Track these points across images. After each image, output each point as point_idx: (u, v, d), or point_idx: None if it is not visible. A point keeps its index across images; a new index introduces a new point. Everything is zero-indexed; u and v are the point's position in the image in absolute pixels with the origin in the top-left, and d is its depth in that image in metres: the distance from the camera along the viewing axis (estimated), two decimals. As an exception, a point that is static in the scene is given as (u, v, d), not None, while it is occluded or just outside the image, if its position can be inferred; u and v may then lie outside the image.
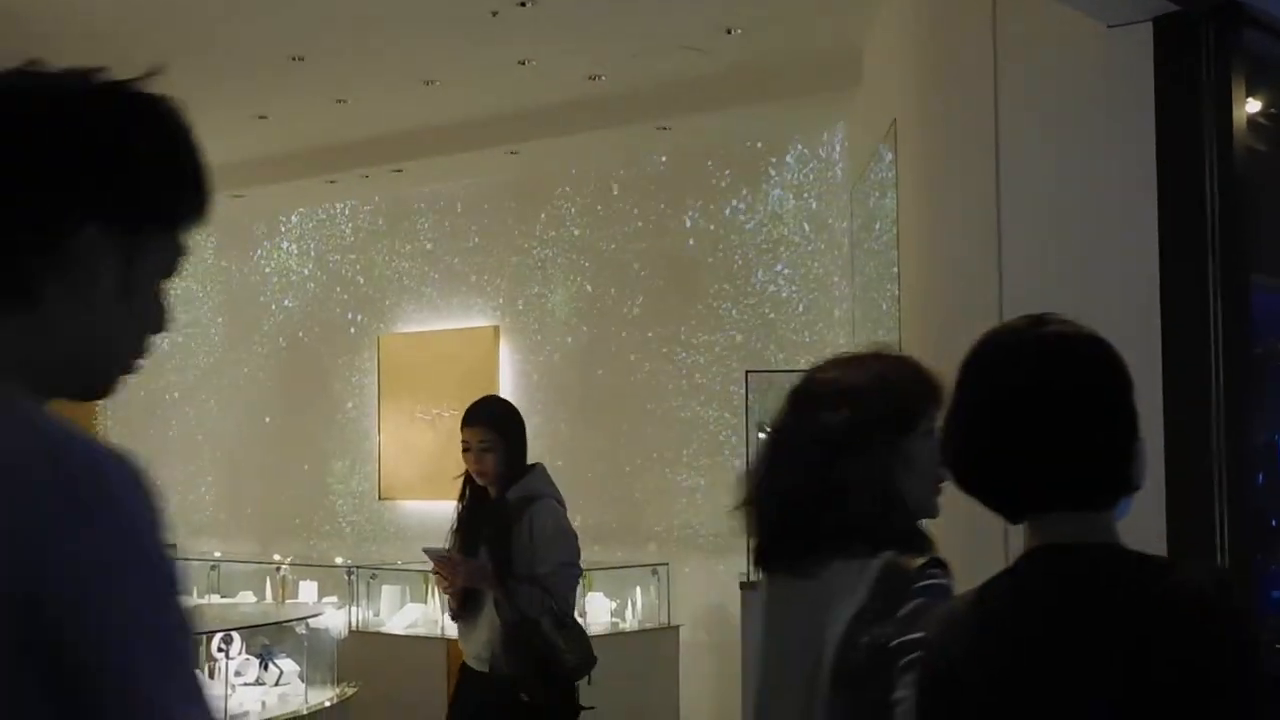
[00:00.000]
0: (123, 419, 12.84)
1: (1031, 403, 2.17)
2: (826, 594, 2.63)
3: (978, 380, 2.26)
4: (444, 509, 11.67)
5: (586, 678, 5.93)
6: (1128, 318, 4.80)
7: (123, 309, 1.55)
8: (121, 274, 1.53)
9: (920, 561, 2.60)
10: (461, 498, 5.89)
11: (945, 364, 6.30)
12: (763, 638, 2.88)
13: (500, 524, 5.73)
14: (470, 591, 5.78)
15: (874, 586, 2.57)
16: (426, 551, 5.91)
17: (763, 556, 2.86)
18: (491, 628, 5.70)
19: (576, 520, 6.04)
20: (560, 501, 5.84)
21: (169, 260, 1.59)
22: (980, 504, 2.23)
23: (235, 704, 7.47)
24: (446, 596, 5.96)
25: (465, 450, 5.74)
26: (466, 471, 5.85)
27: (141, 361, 1.63)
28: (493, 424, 5.76)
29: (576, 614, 6.08)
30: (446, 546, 5.89)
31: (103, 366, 1.59)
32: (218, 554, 12.40)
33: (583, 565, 5.98)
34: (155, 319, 1.61)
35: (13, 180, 1.46)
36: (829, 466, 2.67)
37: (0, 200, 1.46)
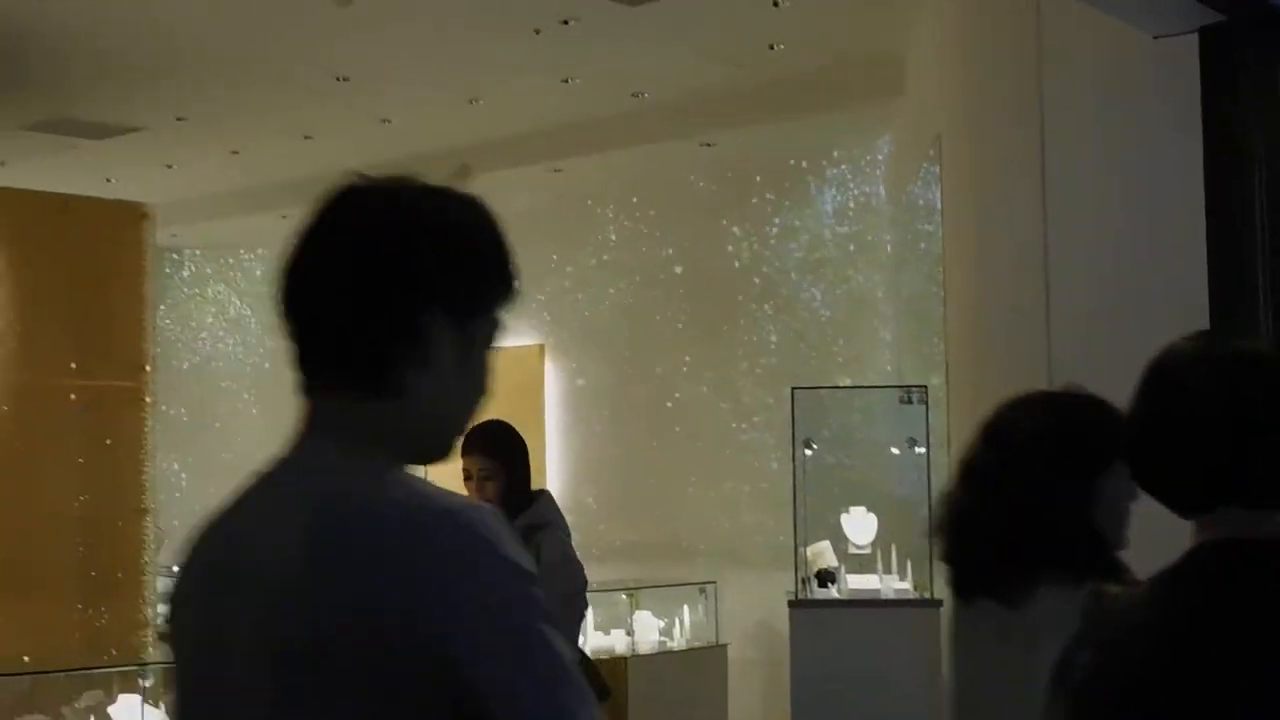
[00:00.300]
0: (173, 443, 12.91)
1: (1210, 413, 2.19)
2: (1034, 622, 2.74)
3: (1158, 390, 2.31)
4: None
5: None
6: (1176, 327, 4.77)
7: (460, 380, 1.77)
8: (459, 351, 1.75)
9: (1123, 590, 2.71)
10: None
11: (993, 377, 6.27)
12: (960, 662, 2.98)
13: None
14: None
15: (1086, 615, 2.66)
16: None
17: (961, 584, 2.94)
18: None
19: (620, 539, 5.98)
20: (566, 530, 5.61)
21: (491, 334, 1.81)
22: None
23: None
24: None
25: (466, 479, 5.49)
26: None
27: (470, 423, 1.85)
28: (494, 451, 5.47)
29: (624, 632, 5.99)
30: None
31: (449, 431, 1.81)
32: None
33: (621, 586, 5.80)
34: (483, 384, 1.81)
35: (382, 283, 1.70)
36: (1038, 500, 2.80)
37: (370, 299, 1.70)
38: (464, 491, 5.52)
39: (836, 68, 8.79)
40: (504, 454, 5.47)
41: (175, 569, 1.92)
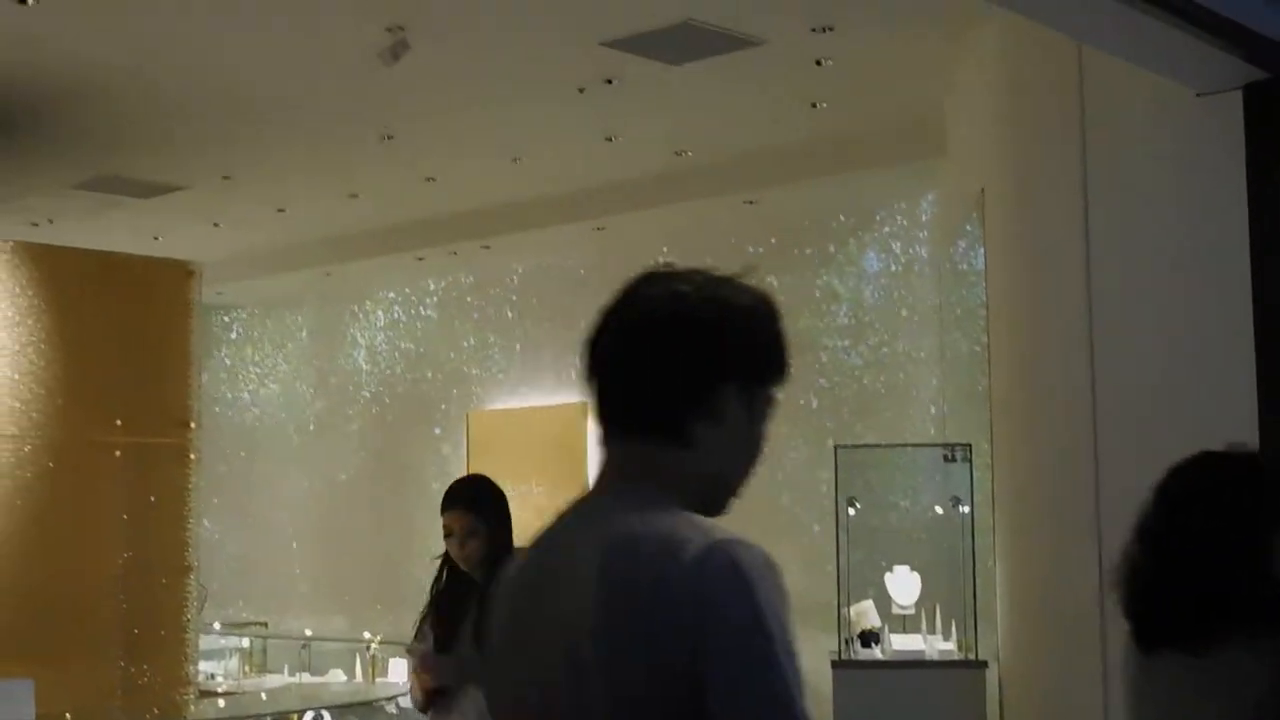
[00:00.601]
0: (215, 495, 12.96)
1: None
2: (1218, 671, 2.90)
3: None
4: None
5: None
6: (1223, 388, 4.72)
7: (742, 442, 2.11)
8: (742, 418, 2.09)
9: None
10: (437, 582, 5.44)
11: (1038, 436, 6.22)
12: (1142, 713, 3.10)
13: None
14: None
15: None
16: (411, 651, 5.53)
17: (1144, 636, 3.06)
18: (480, 714, 5.16)
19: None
20: None
21: (768, 407, 2.13)
22: None
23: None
24: (417, 688, 5.46)
25: (447, 536, 5.30)
26: (445, 554, 5.40)
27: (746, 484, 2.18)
28: (476, 507, 5.30)
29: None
30: (418, 631, 5.47)
31: (730, 485, 2.16)
32: (308, 631, 12.44)
33: None
34: (759, 448, 2.15)
35: (686, 355, 2.05)
36: (1219, 555, 2.96)
37: (675, 368, 2.05)
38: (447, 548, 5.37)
39: (879, 126, 8.80)
40: (486, 510, 5.30)
41: (492, 599, 2.29)
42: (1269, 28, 4.45)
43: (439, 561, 5.44)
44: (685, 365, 2.06)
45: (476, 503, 5.29)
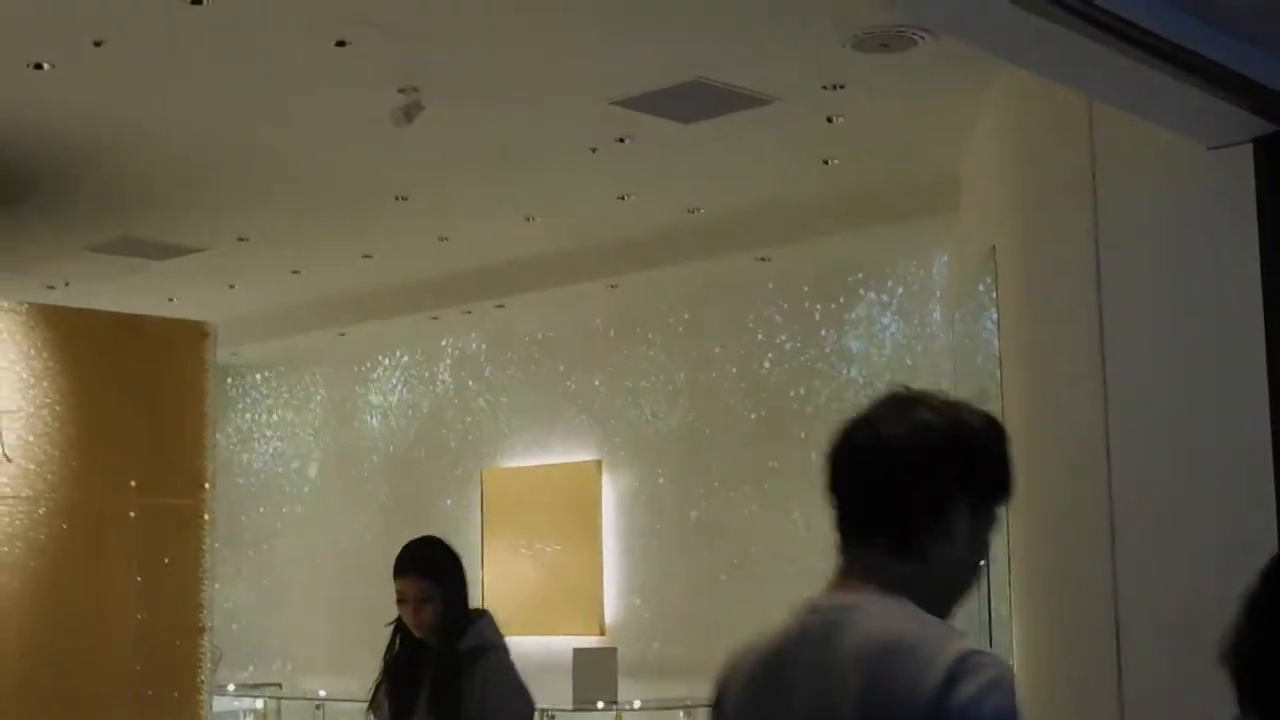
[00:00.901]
0: (229, 556, 12.95)
1: None
2: None
3: None
4: (547, 645, 11.68)
5: None
6: (1239, 444, 4.71)
7: (969, 556, 2.33)
8: (970, 533, 2.31)
9: None
10: (390, 649, 5.27)
11: (1050, 496, 6.20)
12: None
13: (447, 679, 5.07)
14: None
15: None
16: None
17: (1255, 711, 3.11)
18: None
19: (676, 655, 5.85)
20: (508, 651, 5.21)
21: (992, 524, 2.36)
22: None
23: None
24: None
25: (400, 601, 5.14)
26: (398, 620, 5.23)
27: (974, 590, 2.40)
28: (429, 572, 5.13)
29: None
30: (373, 700, 5.31)
31: (958, 593, 2.36)
32: (323, 693, 12.40)
33: (679, 704, 5.46)
34: (984, 560, 2.39)
35: (924, 477, 2.28)
36: None
37: (913, 488, 2.28)
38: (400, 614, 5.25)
39: (891, 183, 8.82)
40: (439, 574, 5.14)
41: (714, 692, 2.52)
42: (1278, 81, 4.47)
43: (391, 628, 5.25)
44: (924, 486, 2.29)
45: (429, 567, 5.14)
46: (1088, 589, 5.46)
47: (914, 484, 2.29)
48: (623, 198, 8.99)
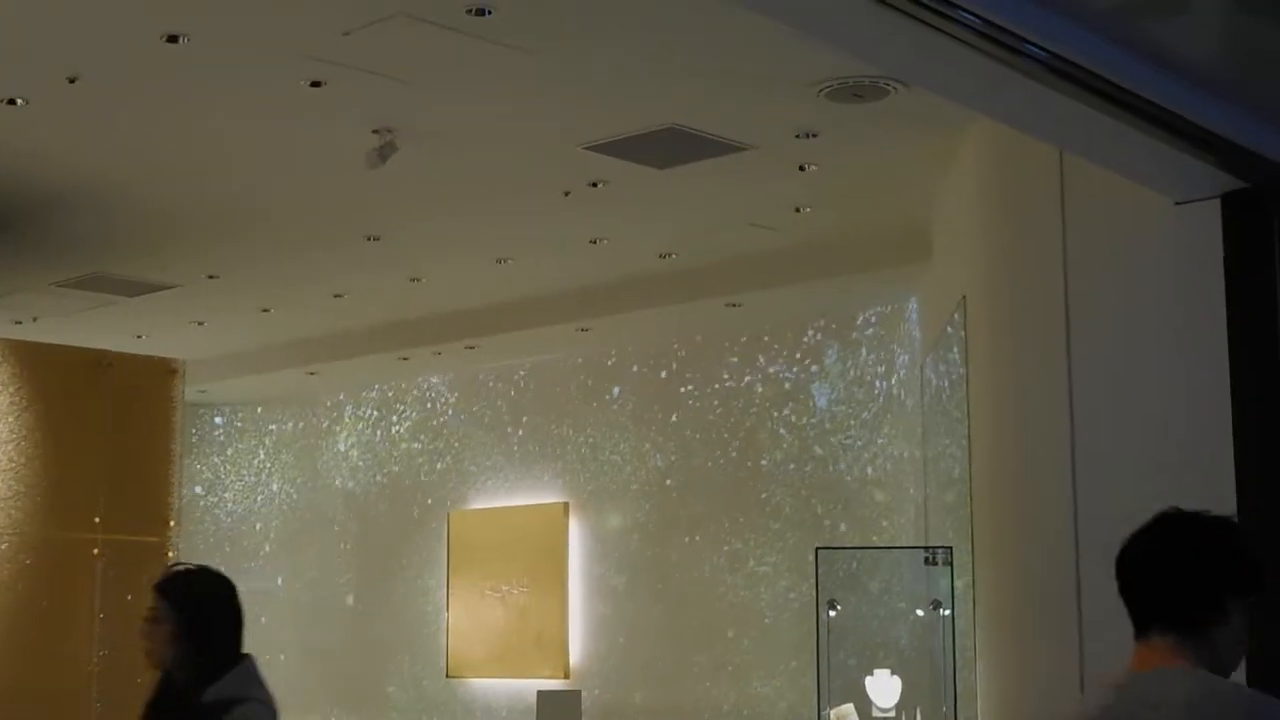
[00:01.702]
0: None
1: None
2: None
3: None
4: (513, 687, 11.65)
5: None
6: (1205, 495, 4.73)
7: (1238, 639, 2.91)
8: (1238, 619, 2.87)
9: None
10: (154, 693, 4.54)
11: (1015, 538, 6.19)
12: None
13: None
14: None
15: None
16: None
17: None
18: None
19: (643, 701, 5.83)
20: (271, 705, 4.49)
21: (1250, 611, 2.90)
22: None
23: None
24: None
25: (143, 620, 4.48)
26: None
27: None
28: (169, 591, 4.47)
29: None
30: None
31: (1230, 669, 2.88)
32: (285, 732, 12.29)
33: None
34: (1247, 640, 2.92)
35: (1211, 578, 2.90)
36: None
37: (1202, 586, 2.88)
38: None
39: (863, 231, 8.86)
40: (178, 599, 4.47)
41: None
42: (1245, 138, 4.51)
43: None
44: (1206, 584, 2.88)
45: (175, 588, 4.51)
46: (1055, 631, 5.47)
47: (1200, 583, 2.89)
48: (595, 241, 9.01)
